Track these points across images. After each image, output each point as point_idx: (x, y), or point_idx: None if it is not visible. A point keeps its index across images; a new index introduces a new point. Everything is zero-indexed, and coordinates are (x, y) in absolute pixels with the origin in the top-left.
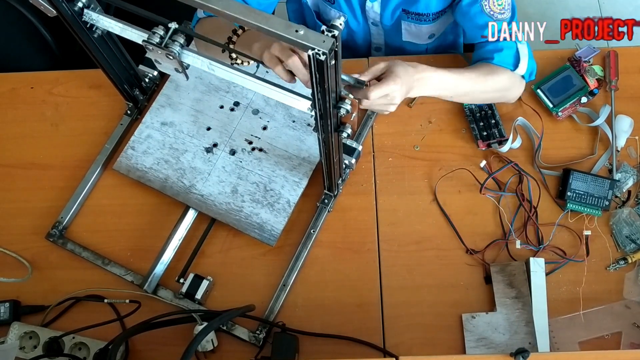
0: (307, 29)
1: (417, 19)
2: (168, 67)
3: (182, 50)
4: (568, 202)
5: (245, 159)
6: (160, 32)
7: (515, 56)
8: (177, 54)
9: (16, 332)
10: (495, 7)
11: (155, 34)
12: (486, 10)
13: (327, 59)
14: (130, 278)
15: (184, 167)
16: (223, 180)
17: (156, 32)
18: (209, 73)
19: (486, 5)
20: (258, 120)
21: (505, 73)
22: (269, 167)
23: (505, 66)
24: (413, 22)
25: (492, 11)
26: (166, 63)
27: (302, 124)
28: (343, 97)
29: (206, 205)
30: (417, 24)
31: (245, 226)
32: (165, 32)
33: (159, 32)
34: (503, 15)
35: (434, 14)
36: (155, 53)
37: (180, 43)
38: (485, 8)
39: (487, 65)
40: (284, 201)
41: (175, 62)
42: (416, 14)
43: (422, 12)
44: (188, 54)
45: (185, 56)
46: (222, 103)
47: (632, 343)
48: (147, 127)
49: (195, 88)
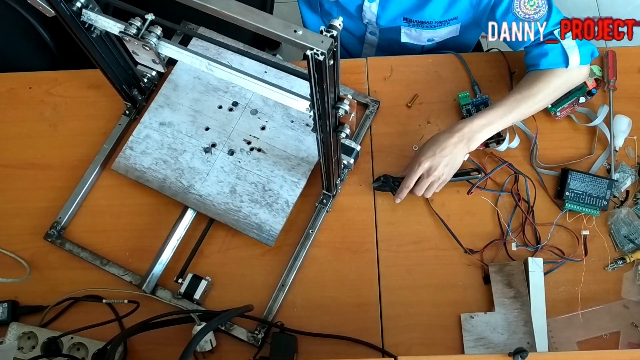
0: (305, 29)
1: (419, 26)
2: (146, 59)
3: (158, 41)
4: (566, 202)
5: (243, 159)
6: (138, 23)
7: (563, 54)
8: (153, 45)
9: (14, 333)
10: (528, 9)
11: (132, 25)
12: (520, 15)
13: (326, 59)
14: (129, 278)
15: (182, 167)
16: (222, 180)
17: (133, 24)
18: (208, 73)
19: (519, 11)
20: (257, 120)
21: (556, 73)
22: (268, 167)
23: (556, 67)
24: (414, 28)
25: (527, 14)
26: (143, 54)
27: (301, 124)
28: (342, 97)
29: (205, 206)
30: (417, 29)
31: (244, 226)
32: (142, 23)
33: (135, 24)
34: (539, 14)
35: (437, 22)
36: (133, 44)
37: (157, 34)
38: (519, 14)
39: (534, 74)
40: (283, 201)
41: (152, 54)
42: (419, 21)
43: (426, 20)
44: (165, 46)
45: (162, 47)
46: (220, 103)
47: (630, 343)
48: (146, 127)
49: (193, 88)
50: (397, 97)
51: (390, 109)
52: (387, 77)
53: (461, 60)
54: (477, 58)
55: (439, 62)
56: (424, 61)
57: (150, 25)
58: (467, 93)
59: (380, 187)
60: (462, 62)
